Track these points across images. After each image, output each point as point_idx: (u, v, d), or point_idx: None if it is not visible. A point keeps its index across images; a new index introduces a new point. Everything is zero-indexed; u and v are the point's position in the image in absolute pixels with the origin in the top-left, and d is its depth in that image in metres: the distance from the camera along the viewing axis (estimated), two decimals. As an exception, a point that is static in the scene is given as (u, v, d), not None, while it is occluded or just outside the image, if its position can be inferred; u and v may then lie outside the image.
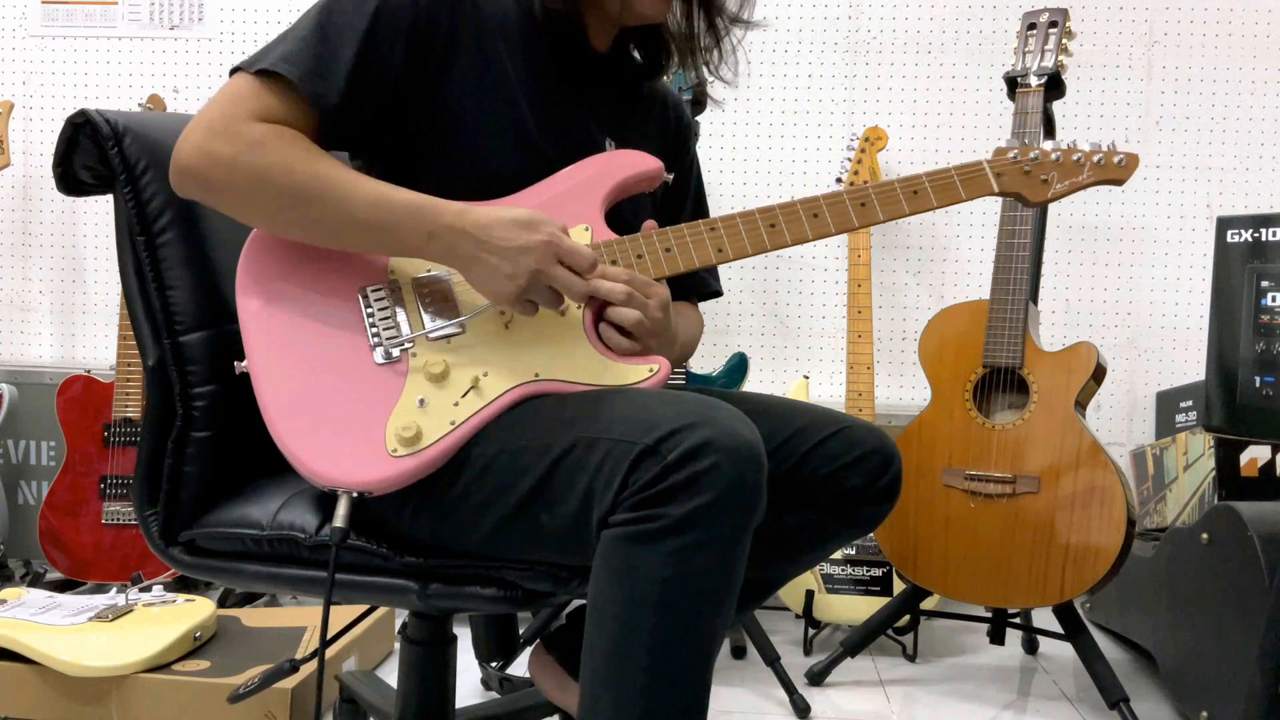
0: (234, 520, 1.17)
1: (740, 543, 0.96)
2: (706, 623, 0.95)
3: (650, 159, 1.22)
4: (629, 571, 0.94)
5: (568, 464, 0.99)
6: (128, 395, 2.44)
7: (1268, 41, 2.65)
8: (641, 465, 0.93)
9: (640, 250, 1.15)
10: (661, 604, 0.93)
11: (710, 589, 0.95)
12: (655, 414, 0.96)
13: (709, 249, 1.16)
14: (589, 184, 1.18)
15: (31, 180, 2.94)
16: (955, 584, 1.99)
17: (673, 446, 0.93)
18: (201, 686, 1.66)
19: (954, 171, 1.20)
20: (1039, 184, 1.22)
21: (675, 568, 0.93)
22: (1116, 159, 1.23)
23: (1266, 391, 1.67)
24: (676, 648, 0.94)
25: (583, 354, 1.11)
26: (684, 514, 0.92)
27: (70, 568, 2.43)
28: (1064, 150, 1.23)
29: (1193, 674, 1.84)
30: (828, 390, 2.74)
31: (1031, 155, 1.22)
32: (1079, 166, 1.23)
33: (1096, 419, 2.70)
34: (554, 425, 1.03)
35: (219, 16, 2.88)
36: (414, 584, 1.11)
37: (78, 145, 1.18)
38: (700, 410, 0.96)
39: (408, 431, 1.04)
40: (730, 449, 0.93)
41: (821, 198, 1.18)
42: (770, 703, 1.98)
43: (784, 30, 2.76)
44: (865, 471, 1.24)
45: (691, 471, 0.92)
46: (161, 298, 1.18)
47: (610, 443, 0.97)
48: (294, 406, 1.07)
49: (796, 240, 1.18)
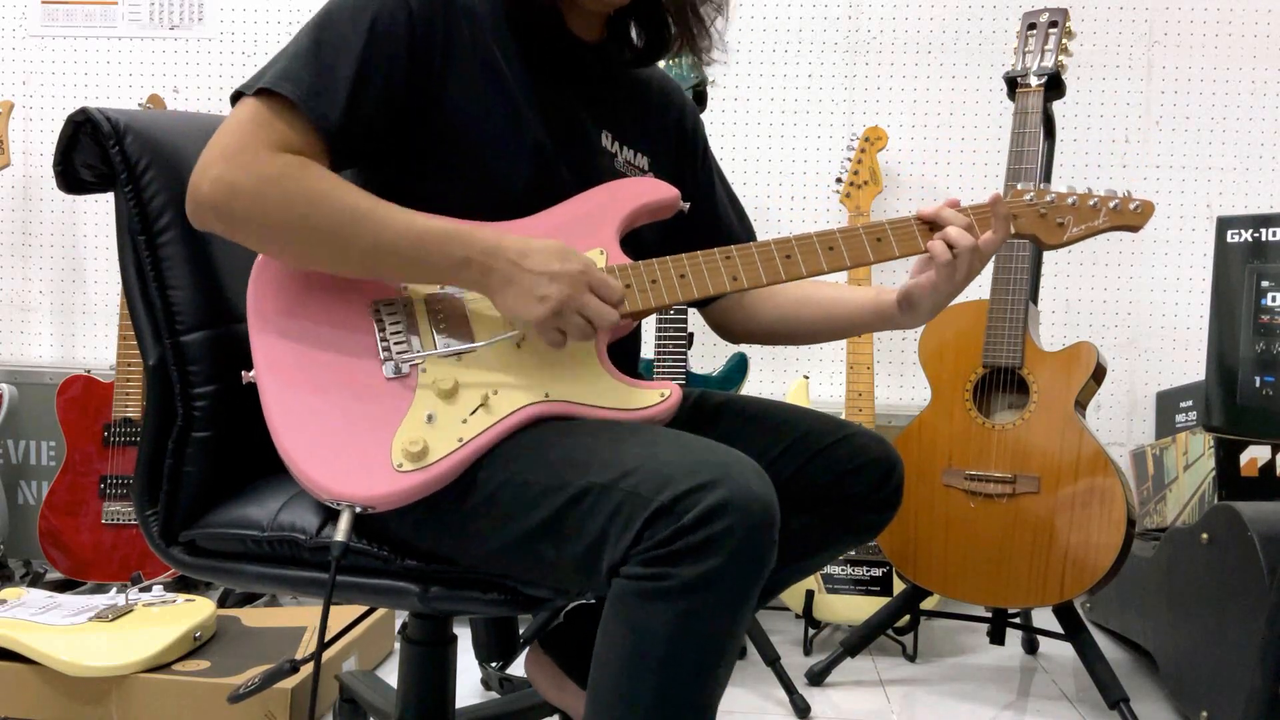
0: (234, 521, 1.16)
1: (749, 599, 0.96)
2: (710, 678, 0.96)
3: (666, 188, 1.21)
4: (637, 625, 0.94)
5: (580, 509, 0.98)
6: (128, 395, 2.44)
7: (1268, 41, 2.65)
8: (657, 523, 0.92)
9: (655, 276, 1.15)
10: (667, 659, 0.93)
11: (716, 647, 0.95)
12: (671, 466, 0.95)
13: (724, 277, 1.16)
14: (603, 210, 1.18)
15: (31, 180, 2.94)
16: (955, 584, 2.00)
17: (688, 507, 0.91)
18: (201, 686, 1.66)
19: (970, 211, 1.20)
20: (1055, 228, 1.23)
21: (683, 626, 0.93)
22: (1133, 205, 1.24)
23: (1266, 391, 1.67)
24: (679, 701, 0.95)
25: (594, 376, 1.11)
26: (696, 576, 0.91)
27: (70, 568, 2.43)
28: (1080, 195, 1.23)
29: (1193, 674, 1.84)
30: (828, 390, 2.74)
31: (1048, 199, 1.23)
32: (1095, 211, 1.23)
33: (1096, 419, 2.70)
34: (566, 463, 1.02)
35: (219, 16, 2.88)
36: (415, 586, 1.11)
37: (78, 144, 1.18)
38: (715, 463, 0.95)
39: (414, 446, 1.03)
40: (745, 510, 0.92)
41: (838, 232, 1.19)
42: (770, 703, 1.98)
43: (784, 30, 2.76)
44: (867, 479, 1.23)
45: (707, 534, 0.91)
46: (162, 297, 1.18)
47: (624, 494, 0.95)
48: (300, 419, 1.06)
49: (812, 273, 1.19)
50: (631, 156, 1.29)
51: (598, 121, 1.25)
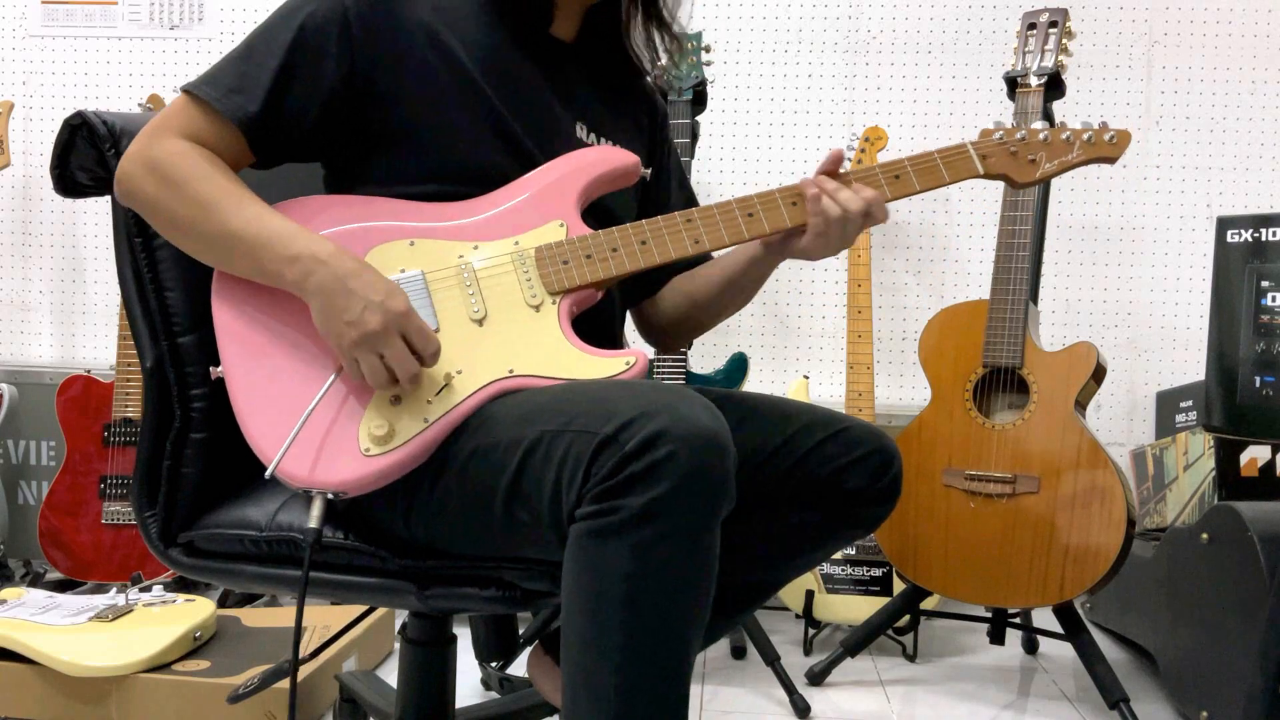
0: (233, 521, 1.17)
1: (706, 532, 0.94)
2: (676, 617, 0.94)
3: (625, 155, 1.21)
4: (594, 568, 0.93)
5: (536, 458, 0.99)
6: (128, 395, 2.44)
7: (1268, 41, 2.65)
8: (602, 455, 0.92)
9: (615, 244, 1.15)
10: (628, 599, 0.92)
11: (677, 582, 0.94)
12: (616, 403, 0.95)
13: (685, 241, 1.16)
14: (564, 180, 1.18)
15: (31, 180, 2.94)
16: (955, 584, 1.99)
17: (630, 435, 0.91)
18: (201, 686, 1.66)
19: (937, 154, 1.19)
20: (1026, 164, 1.21)
21: (638, 562, 0.92)
22: (1108, 136, 1.21)
23: (1266, 391, 1.67)
24: (647, 643, 0.93)
25: (557, 348, 1.11)
26: (642, 505, 0.90)
27: (70, 568, 2.43)
28: (1052, 130, 1.21)
29: (1193, 674, 1.84)
30: (828, 390, 2.74)
31: (1018, 135, 1.21)
32: (1068, 145, 1.20)
33: (1096, 419, 2.70)
34: (524, 420, 1.03)
35: (219, 16, 2.88)
36: (412, 585, 1.11)
37: (74, 147, 1.18)
38: (661, 399, 0.95)
39: (380, 430, 1.04)
40: (687, 437, 0.91)
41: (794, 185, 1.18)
42: (770, 703, 1.98)
43: (784, 30, 2.76)
44: (865, 472, 1.23)
45: (650, 460, 0.90)
46: (159, 299, 1.18)
47: (573, 434, 0.96)
48: (266, 408, 1.07)
49: (775, 229, 1.18)
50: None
51: (573, 113, 1.26)
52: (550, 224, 1.15)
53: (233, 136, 1.12)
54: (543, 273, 1.13)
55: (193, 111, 1.11)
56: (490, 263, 1.13)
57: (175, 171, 1.08)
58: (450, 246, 1.14)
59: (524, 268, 1.13)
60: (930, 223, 2.74)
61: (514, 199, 1.17)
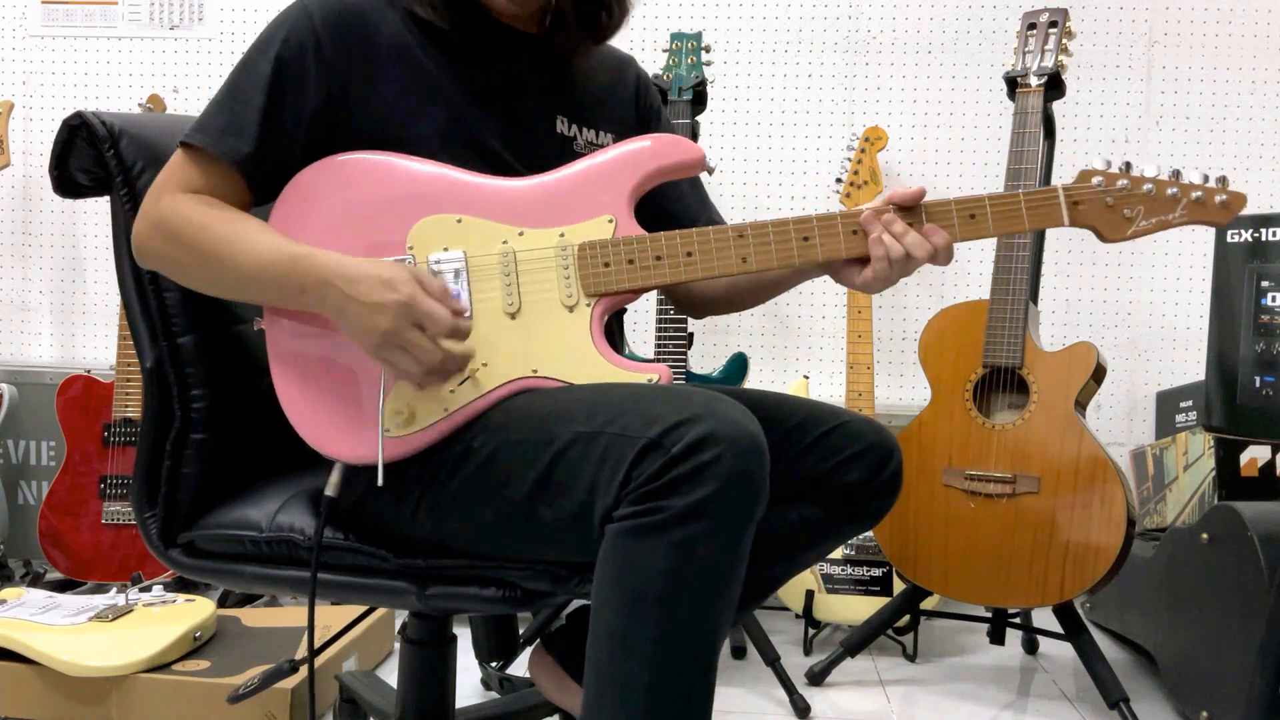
0: (233, 522, 1.17)
1: (744, 533, 0.96)
2: (710, 615, 0.95)
3: (693, 146, 1.15)
4: (633, 565, 0.94)
5: (569, 458, 1.00)
6: (128, 395, 2.44)
7: (1268, 41, 2.65)
8: (645, 459, 0.93)
9: (661, 252, 1.11)
10: (666, 597, 0.93)
11: (714, 581, 0.95)
12: (656, 408, 0.97)
13: (734, 258, 1.11)
14: (622, 171, 1.13)
15: (31, 180, 2.94)
16: (955, 584, 1.99)
17: (676, 439, 0.93)
18: (201, 686, 1.66)
19: (1023, 197, 1.08)
20: (1120, 219, 1.07)
21: (679, 559, 0.93)
22: (1219, 198, 1.06)
23: (1266, 391, 1.67)
24: (681, 641, 0.94)
25: (585, 354, 1.10)
26: (687, 505, 0.92)
27: (70, 568, 2.43)
28: (1158, 183, 1.06)
29: (1193, 674, 1.84)
30: (828, 390, 2.74)
31: (1119, 184, 1.07)
32: (1173, 202, 1.07)
33: (1096, 419, 2.70)
34: (554, 418, 1.03)
35: (219, 16, 2.88)
36: (413, 585, 1.11)
37: (73, 148, 1.19)
38: (702, 403, 0.96)
39: (400, 415, 1.07)
40: (733, 439, 0.93)
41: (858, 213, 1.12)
42: (770, 703, 1.98)
43: (784, 30, 2.76)
44: (865, 466, 1.23)
45: (695, 463, 0.92)
46: (158, 300, 1.19)
47: (611, 437, 0.97)
48: (301, 373, 1.10)
49: (829, 258, 1.12)
50: (594, 136, 1.29)
51: (551, 108, 1.26)
52: (600, 218, 1.12)
53: (233, 179, 1.13)
54: (583, 272, 1.11)
55: (190, 162, 1.13)
56: (533, 254, 1.12)
57: (176, 225, 1.09)
58: (497, 230, 1.12)
59: (565, 264, 1.11)
60: (930, 223, 2.74)
61: (571, 181, 1.14)
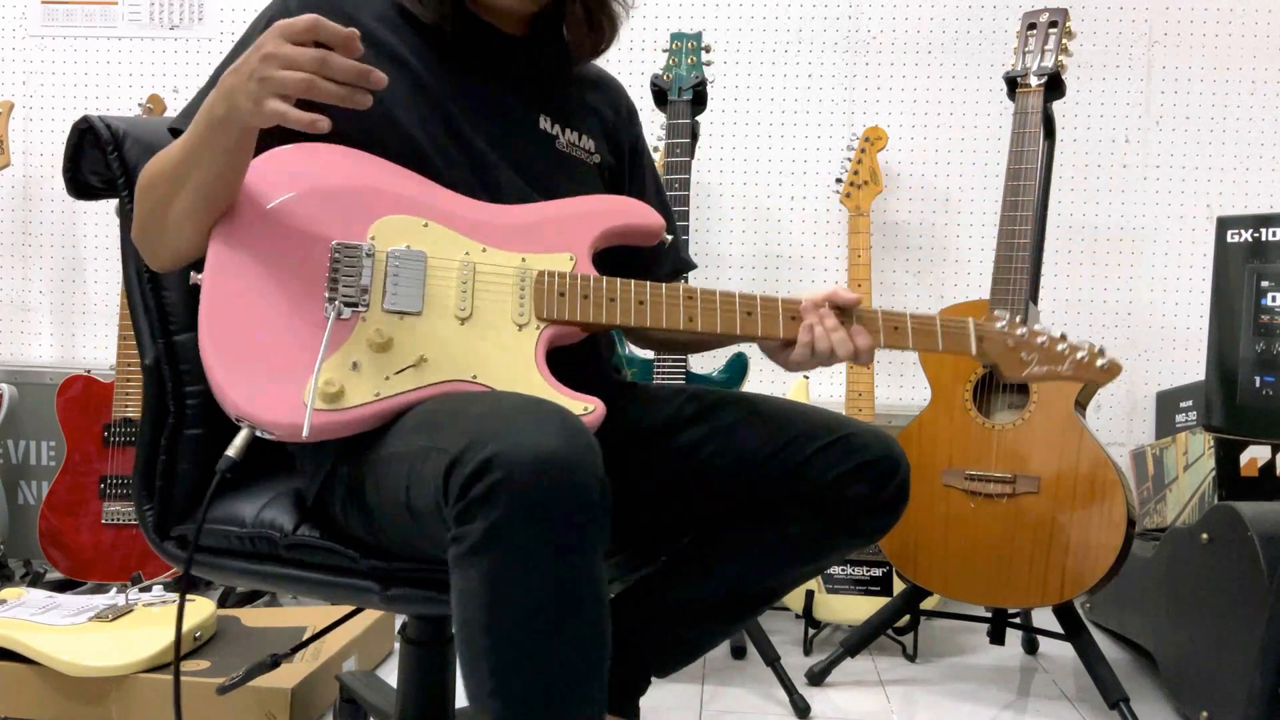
0: (222, 517, 1.18)
1: (567, 557, 0.89)
2: (541, 648, 0.90)
3: (654, 215, 1.23)
4: (459, 595, 0.91)
5: (417, 472, 0.97)
6: (128, 395, 2.44)
7: (1268, 41, 2.65)
8: (451, 476, 0.90)
9: (615, 295, 1.16)
10: (488, 627, 0.90)
11: (536, 610, 0.89)
12: (471, 421, 0.93)
13: (681, 315, 1.18)
14: (588, 217, 1.20)
15: (31, 180, 2.94)
16: (955, 584, 1.99)
17: (471, 457, 0.88)
18: (202, 686, 1.66)
19: (939, 322, 1.22)
20: (1017, 361, 1.23)
21: (492, 591, 0.89)
22: (1100, 363, 1.24)
23: (1266, 391, 1.67)
24: (517, 675, 0.90)
25: (525, 372, 1.11)
26: (484, 531, 0.88)
27: (70, 568, 2.43)
28: (1051, 338, 1.23)
29: (1193, 674, 1.84)
30: (828, 390, 2.74)
31: (1019, 331, 1.23)
32: (1061, 357, 1.23)
33: (1096, 419, 2.70)
34: (418, 427, 1.01)
35: (219, 16, 2.88)
36: (375, 585, 1.12)
37: (84, 151, 1.21)
38: (508, 418, 0.92)
39: (330, 388, 1.03)
40: (517, 462, 0.87)
41: (798, 302, 1.22)
42: (770, 703, 1.98)
43: (784, 30, 2.76)
44: (869, 480, 1.19)
45: (487, 484, 0.87)
46: (157, 298, 1.20)
47: (437, 452, 0.93)
48: (230, 331, 1.06)
49: (766, 334, 1.21)
50: (575, 138, 1.30)
51: (534, 106, 1.26)
52: (562, 254, 1.16)
53: None
54: (538, 296, 1.14)
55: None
56: (493, 270, 1.14)
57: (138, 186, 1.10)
58: (461, 241, 1.14)
59: (522, 285, 1.14)
60: (930, 223, 2.74)
61: (537, 217, 1.18)
